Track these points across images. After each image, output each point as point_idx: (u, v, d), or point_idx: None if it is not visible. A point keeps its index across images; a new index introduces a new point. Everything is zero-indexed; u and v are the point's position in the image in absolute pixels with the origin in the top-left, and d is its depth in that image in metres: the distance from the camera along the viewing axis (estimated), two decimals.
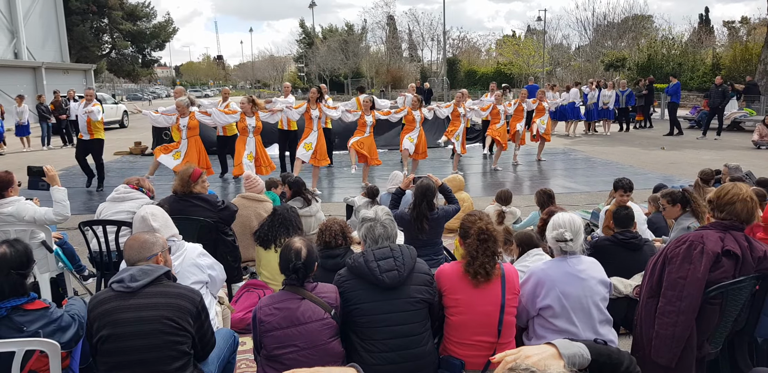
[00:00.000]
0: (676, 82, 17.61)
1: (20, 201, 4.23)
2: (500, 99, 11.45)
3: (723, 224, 2.90)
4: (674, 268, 2.83)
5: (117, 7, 39.92)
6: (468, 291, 2.96)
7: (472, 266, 2.95)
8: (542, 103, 12.11)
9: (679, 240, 2.93)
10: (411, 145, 9.94)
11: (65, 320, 2.63)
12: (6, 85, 24.53)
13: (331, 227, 3.83)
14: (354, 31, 58.48)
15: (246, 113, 8.88)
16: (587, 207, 7.66)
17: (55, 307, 2.67)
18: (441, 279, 3.06)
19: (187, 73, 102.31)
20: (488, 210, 5.88)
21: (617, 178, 5.41)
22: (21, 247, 2.61)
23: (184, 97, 9.29)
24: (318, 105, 9.24)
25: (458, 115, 10.52)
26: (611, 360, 1.78)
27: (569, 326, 2.98)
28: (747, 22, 38.41)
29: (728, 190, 2.93)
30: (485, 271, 2.93)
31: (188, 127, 8.84)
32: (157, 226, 3.27)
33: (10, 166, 12.55)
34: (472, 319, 2.93)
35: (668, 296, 2.82)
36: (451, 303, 2.99)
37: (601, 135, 17.63)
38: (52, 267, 4.38)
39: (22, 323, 2.51)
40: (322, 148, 9.40)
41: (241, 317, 4.30)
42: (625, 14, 38.10)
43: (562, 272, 3.04)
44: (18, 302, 2.53)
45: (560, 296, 2.98)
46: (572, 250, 3.08)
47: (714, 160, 11.30)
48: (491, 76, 42.91)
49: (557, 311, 2.99)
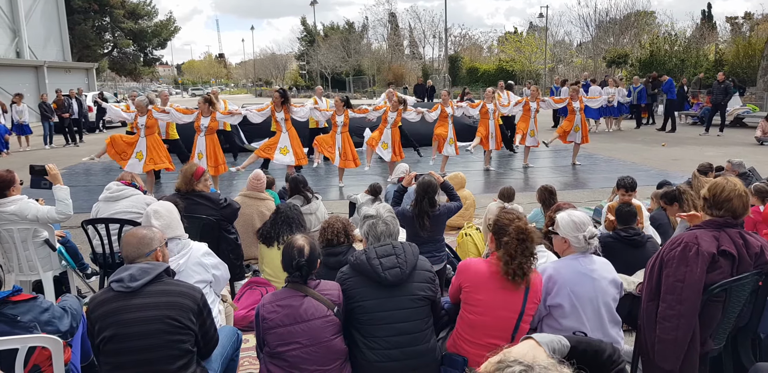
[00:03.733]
0: (668, 79, 17.80)
1: (23, 200, 4.24)
2: (491, 97, 10.86)
3: (717, 222, 2.86)
4: (671, 271, 2.81)
5: (118, 6, 39.92)
6: (492, 292, 2.91)
7: (511, 266, 2.86)
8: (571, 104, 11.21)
9: (673, 242, 2.89)
10: (386, 154, 9.82)
11: (56, 310, 2.65)
12: (8, 84, 24.55)
13: (333, 224, 3.83)
14: (355, 29, 58.41)
15: (203, 113, 9.02)
16: (589, 204, 7.65)
17: (43, 298, 2.69)
18: (465, 274, 3.01)
19: (188, 71, 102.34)
20: (491, 207, 5.88)
21: (621, 176, 5.37)
22: None
23: (142, 96, 9.56)
24: (284, 107, 9.24)
25: (446, 116, 10.33)
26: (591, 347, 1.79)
27: (578, 325, 2.95)
28: (750, 17, 38.26)
29: (723, 186, 2.87)
30: (523, 271, 2.86)
31: (146, 126, 9.08)
32: (158, 224, 3.27)
33: (13, 165, 12.59)
34: (490, 321, 2.90)
35: (668, 300, 2.80)
36: (471, 301, 2.95)
37: (604, 132, 17.60)
38: (55, 265, 4.39)
39: (15, 315, 2.52)
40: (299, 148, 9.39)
41: (243, 315, 4.31)
42: (627, 10, 37.98)
43: (574, 271, 3.01)
44: (2, 295, 2.54)
45: (571, 294, 2.96)
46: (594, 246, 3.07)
47: (717, 156, 11.27)
48: (493, 73, 42.89)
49: (567, 311, 2.97)
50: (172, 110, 9.36)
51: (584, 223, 3.05)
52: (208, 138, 9.01)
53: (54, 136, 16.96)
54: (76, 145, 17.14)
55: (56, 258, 4.39)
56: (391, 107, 9.93)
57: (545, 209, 5.25)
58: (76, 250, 5.13)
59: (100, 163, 12.86)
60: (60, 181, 4.37)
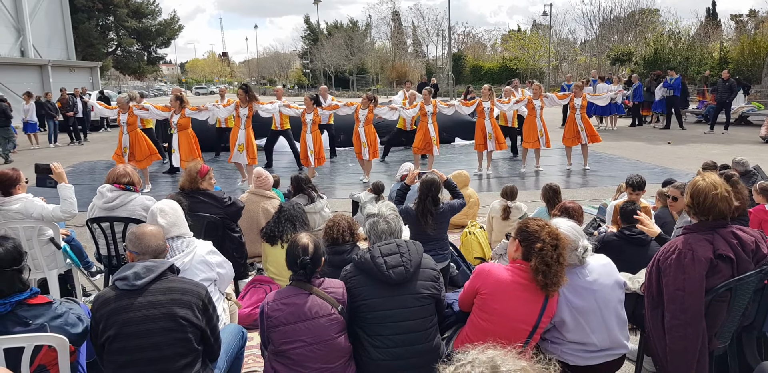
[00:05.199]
0: (677, 76, 17.23)
1: (28, 198, 4.25)
2: (487, 95, 10.30)
3: (708, 225, 2.81)
4: (670, 280, 2.77)
5: (122, 5, 39.99)
6: (509, 303, 2.79)
7: (548, 277, 2.70)
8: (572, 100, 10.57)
9: (666, 249, 2.85)
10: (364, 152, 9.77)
11: (71, 317, 2.63)
12: (13, 83, 24.63)
13: (338, 223, 3.83)
14: (359, 27, 58.39)
15: (174, 110, 9.33)
16: (594, 202, 7.64)
17: (59, 303, 2.67)
18: (485, 280, 2.86)
19: (192, 70, 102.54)
20: (494, 205, 5.88)
21: (630, 175, 5.34)
22: (10, 244, 2.57)
23: (124, 94, 10.00)
24: (249, 104, 9.40)
25: (425, 114, 10.07)
26: None
27: (583, 338, 2.88)
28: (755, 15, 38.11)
29: (705, 193, 2.77)
30: (559, 281, 2.73)
31: (127, 123, 9.41)
32: (164, 223, 3.27)
33: (18, 163, 12.64)
34: (502, 331, 2.76)
35: (671, 310, 2.78)
36: (486, 309, 2.84)
37: (608, 130, 17.56)
38: (60, 264, 4.41)
39: (27, 318, 2.52)
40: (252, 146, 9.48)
41: (248, 313, 4.32)
42: (632, 8, 37.89)
43: (573, 285, 2.87)
44: (21, 297, 2.54)
45: (573, 310, 2.85)
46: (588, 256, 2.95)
47: (721, 154, 11.24)
48: (497, 72, 42.84)
49: (570, 326, 2.88)
50: (151, 107, 9.67)
51: (573, 241, 2.88)
52: (180, 134, 9.28)
53: (59, 134, 17.03)
54: (81, 144, 17.20)
55: (61, 256, 4.40)
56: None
57: (549, 207, 5.24)
58: (80, 248, 5.15)
59: (104, 162, 12.92)
60: (65, 179, 4.38)
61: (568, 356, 2.90)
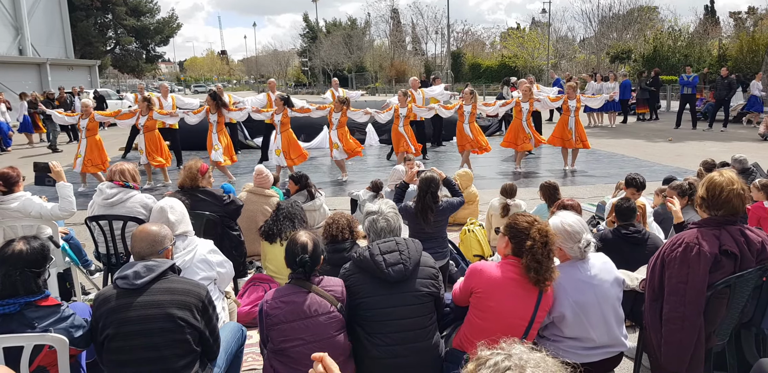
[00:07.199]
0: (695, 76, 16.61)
1: (26, 196, 4.25)
2: (468, 98, 10.09)
3: (717, 221, 2.81)
4: (674, 272, 2.77)
5: (121, 3, 39.93)
6: (503, 300, 2.80)
7: (540, 274, 2.72)
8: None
9: (674, 242, 2.85)
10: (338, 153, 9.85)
11: (77, 320, 2.63)
12: (11, 81, 24.61)
13: (338, 220, 3.83)
14: (357, 25, 58.32)
15: (141, 112, 9.48)
16: (592, 200, 7.64)
17: (67, 305, 2.67)
18: (478, 279, 2.87)
19: (191, 68, 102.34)
20: (493, 203, 5.88)
21: (631, 175, 5.31)
22: (37, 245, 2.58)
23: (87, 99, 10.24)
24: (218, 110, 9.73)
25: (398, 116, 10.15)
26: None
27: (583, 333, 2.89)
28: (754, 12, 38.03)
29: (721, 186, 2.77)
30: (551, 277, 2.75)
31: (87, 128, 9.44)
32: (174, 219, 3.27)
33: (16, 162, 12.62)
34: (499, 328, 2.73)
35: (671, 301, 2.78)
36: (481, 307, 2.86)
37: (606, 127, 17.56)
38: (59, 262, 4.40)
39: (33, 319, 2.52)
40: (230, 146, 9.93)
41: (247, 311, 4.32)
42: (630, 5, 37.81)
43: (574, 279, 2.88)
44: (31, 299, 2.54)
45: (573, 305, 2.86)
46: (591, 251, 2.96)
47: (721, 151, 11.24)
48: (496, 69, 42.83)
49: (570, 321, 2.88)
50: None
51: (578, 232, 2.88)
52: (146, 135, 9.48)
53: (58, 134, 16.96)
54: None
55: (60, 255, 4.39)
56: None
57: (549, 204, 5.24)
58: (79, 246, 5.15)
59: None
60: (63, 178, 4.38)
61: (566, 354, 2.90)
